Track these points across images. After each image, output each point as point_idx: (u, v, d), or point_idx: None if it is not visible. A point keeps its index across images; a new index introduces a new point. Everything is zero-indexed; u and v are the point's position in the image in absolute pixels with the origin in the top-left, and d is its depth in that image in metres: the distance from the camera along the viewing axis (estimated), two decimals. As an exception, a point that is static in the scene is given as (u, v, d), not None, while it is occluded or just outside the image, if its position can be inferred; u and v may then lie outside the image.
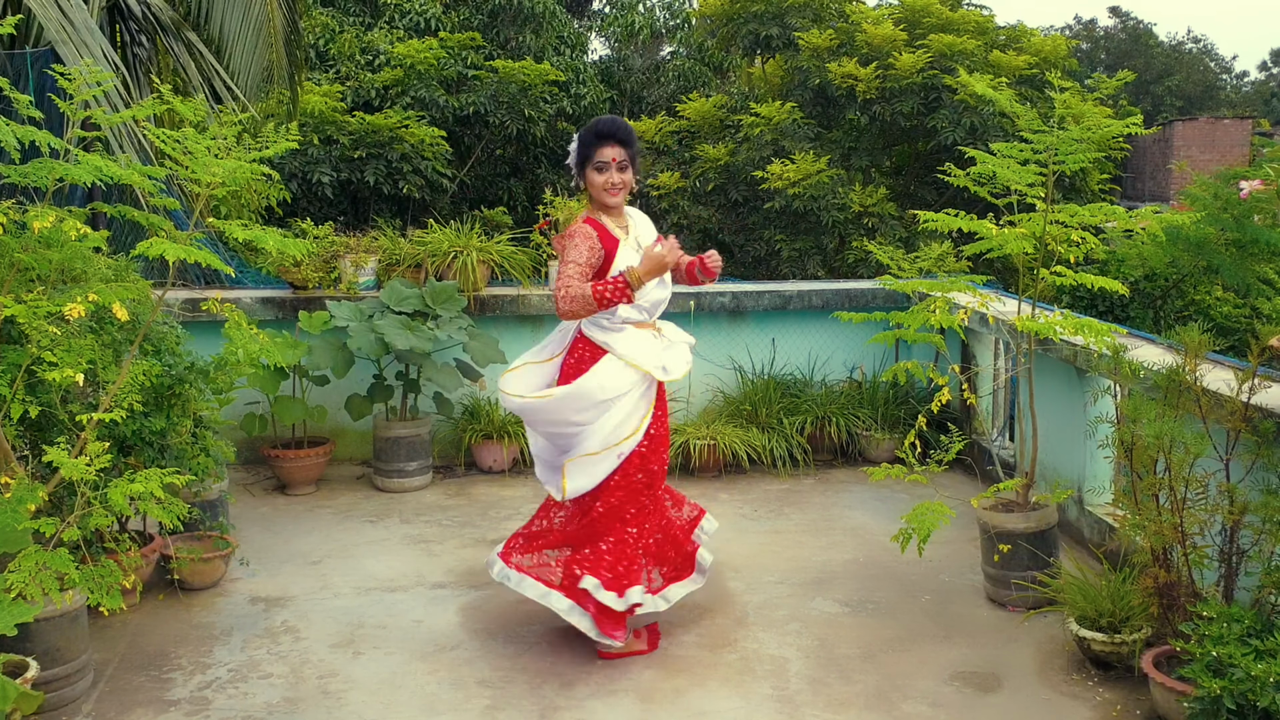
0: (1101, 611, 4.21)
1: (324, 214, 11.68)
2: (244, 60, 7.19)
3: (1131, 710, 3.94)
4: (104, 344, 4.26)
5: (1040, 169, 4.78)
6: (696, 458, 6.78)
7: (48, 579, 3.55)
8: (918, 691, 4.10)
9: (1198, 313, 8.06)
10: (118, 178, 3.85)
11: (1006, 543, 4.75)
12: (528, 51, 13.86)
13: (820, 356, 7.55)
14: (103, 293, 3.80)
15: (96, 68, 4.07)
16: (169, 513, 4.05)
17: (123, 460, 4.49)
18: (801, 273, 10.83)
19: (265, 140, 4.07)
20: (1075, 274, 4.78)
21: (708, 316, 7.43)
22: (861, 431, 7.11)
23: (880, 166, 11.82)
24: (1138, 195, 25.02)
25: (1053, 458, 5.67)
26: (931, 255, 5.80)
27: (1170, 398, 4.13)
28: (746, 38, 12.24)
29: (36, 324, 3.72)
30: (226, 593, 5.01)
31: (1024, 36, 12.17)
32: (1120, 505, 4.38)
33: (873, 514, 6.13)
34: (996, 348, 6.83)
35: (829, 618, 4.78)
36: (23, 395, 3.87)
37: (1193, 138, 24.13)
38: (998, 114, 10.52)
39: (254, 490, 6.57)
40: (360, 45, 13.47)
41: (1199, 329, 4.20)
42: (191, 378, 4.71)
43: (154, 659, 4.35)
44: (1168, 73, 33.58)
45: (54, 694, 3.88)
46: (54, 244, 3.89)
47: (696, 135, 12.28)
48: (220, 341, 4.50)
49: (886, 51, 11.09)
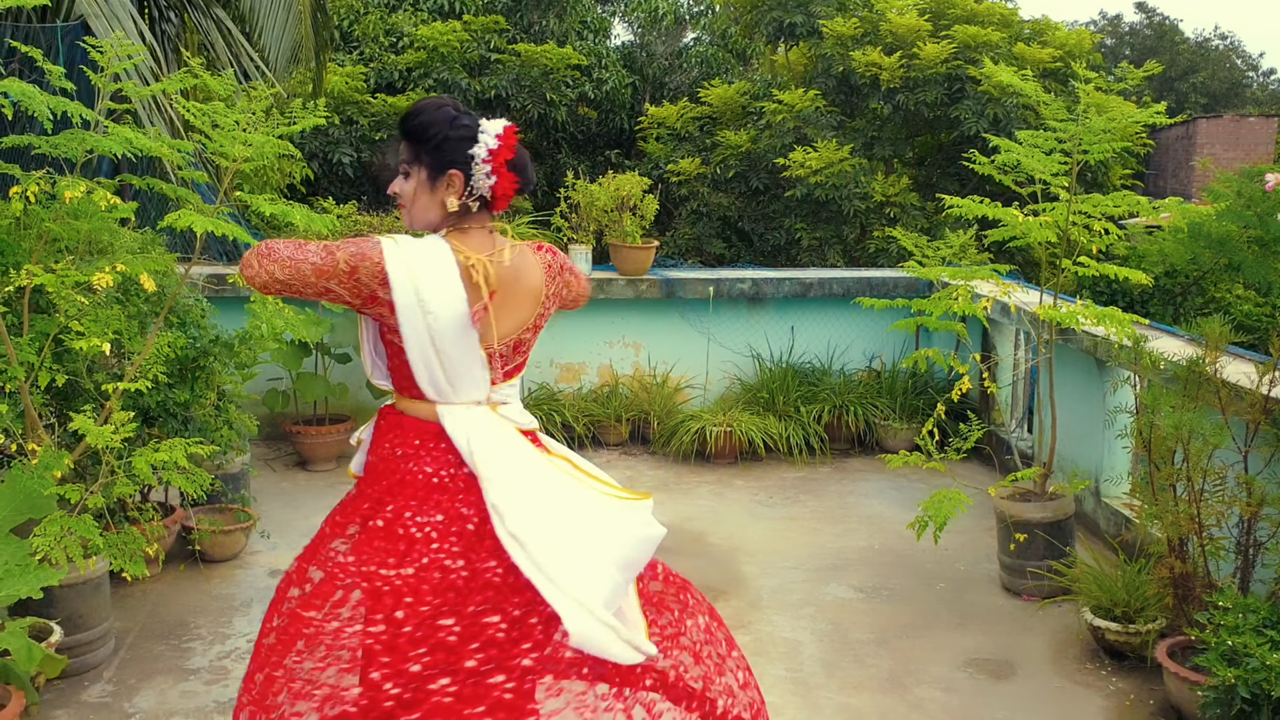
0: (1116, 601, 4.22)
1: (345, 194, 11.70)
2: (273, 36, 7.22)
3: (1145, 700, 3.95)
4: (130, 315, 4.30)
5: (1064, 158, 4.78)
6: (713, 444, 6.80)
7: (72, 544, 3.60)
8: (931, 676, 4.12)
9: (1218, 310, 8.02)
10: (147, 150, 3.88)
11: (1023, 532, 4.75)
12: (551, 35, 13.85)
13: (839, 345, 7.55)
14: (130, 264, 3.85)
15: (127, 41, 4.10)
16: (192, 483, 4.10)
17: (146, 431, 4.54)
18: (821, 262, 10.84)
19: (292, 116, 4.09)
20: (1098, 265, 4.78)
21: (726, 303, 7.44)
22: (879, 421, 7.12)
23: (903, 156, 11.80)
24: (1160, 193, 24.87)
25: (1071, 448, 5.67)
26: (954, 244, 5.79)
27: (1190, 389, 4.13)
28: (770, 24, 12.22)
29: (65, 293, 3.77)
30: (246, 565, 5.06)
31: (1048, 30, 12.12)
32: (1137, 496, 4.39)
33: (889, 502, 6.14)
34: (1017, 338, 6.83)
35: (843, 603, 4.80)
36: (50, 364, 3.92)
37: (1217, 135, 23.94)
38: (1021, 106, 10.50)
39: (275, 465, 6.61)
40: (384, 27, 13.48)
41: (1219, 322, 4.19)
42: (216, 351, 4.75)
43: (174, 628, 4.40)
44: (1193, 69, 33.32)
45: (76, 659, 3.93)
46: (83, 215, 3.93)
47: (718, 121, 12.27)
48: (244, 317, 4.53)
49: (911, 41, 11.07)
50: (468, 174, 2.59)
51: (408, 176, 2.64)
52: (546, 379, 7.32)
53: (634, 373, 7.43)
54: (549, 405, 7.05)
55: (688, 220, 11.96)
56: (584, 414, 7.12)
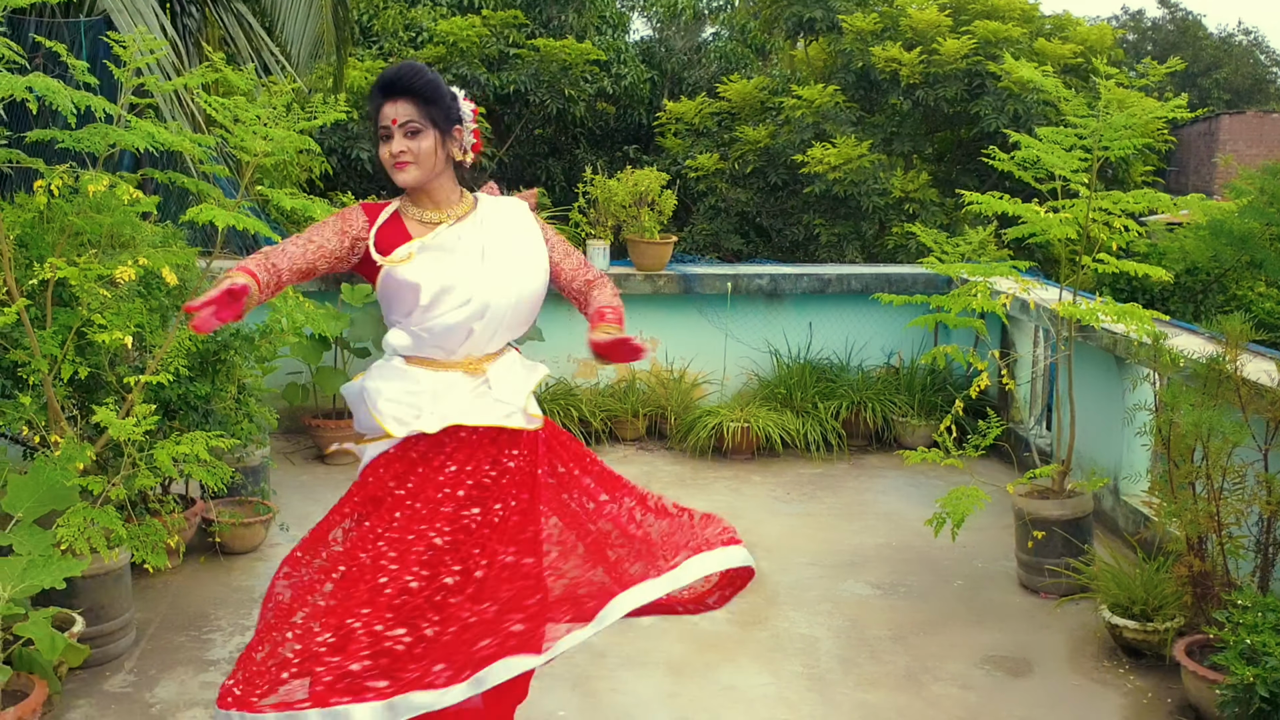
0: (1134, 599, 4.20)
1: (364, 189, 11.73)
2: (295, 31, 7.25)
3: (1162, 698, 3.94)
4: (152, 308, 4.33)
5: (1085, 154, 4.76)
6: (730, 440, 6.80)
7: (95, 535, 3.64)
8: (948, 673, 4.12)
9: (1239, 307, 7.98)
10: (169, 144, 3.91)
11: (1041, 529, 4.74)
12: (569, 30, 13.86)
13: (857, 341, 7.54)
14: (153, 257, 3.88)
15: (150, 36, 4.13)
16: (213, 475, 4.13)
17: (168, 424, 4.57)
18: (840, 258, 10.81)
19: (313, 110, 4.12)
20: (1118, 262, 4.76)
21: (744, 299, 7.43)
22: (897, 417, 7.11)
23: (922, 152, 11.76)
24: (1181, 190, 24.67)
25: (1089, 446, 5.65)
26: (973, 241, 5.79)
27: (1210, 387, 4.11)
28: (789, 20, 12.20)
29: (88, 286, 3.80)
30: (266, 557, 5.09)
31: (1069, 25, 12.07)
32: (1156, 494, 4.37)
33: (906, 499, 6.14)
34: (1036, 335, 6.80)
35: (860, 599, 4.80)
36: (73, 356, 3.95)
37: (1239, 132, 23.76)
38: (1042, 102, 10.45)
39: (294, 459, 6.65)
40: (404, 22, 13.51)
41: (1240, 319, 4.17)
42: (236, 345, 4.78)
43: (194, 620, 4.43)
44: (1216, 65, 33.07)
45: (98, 649, 3.96)
46: (105, 209, 3.96)
47: (736, 117, 12.25)
48: (264, 311, 4.56)
49: (931, 36, 11.03)
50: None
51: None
52: (564, 374, 7.34)
53: (651, 368, 7.43)
54: (566, 400, 7.06)
55: (706, 216, 11.95)
56: (601, 409, 7.13)
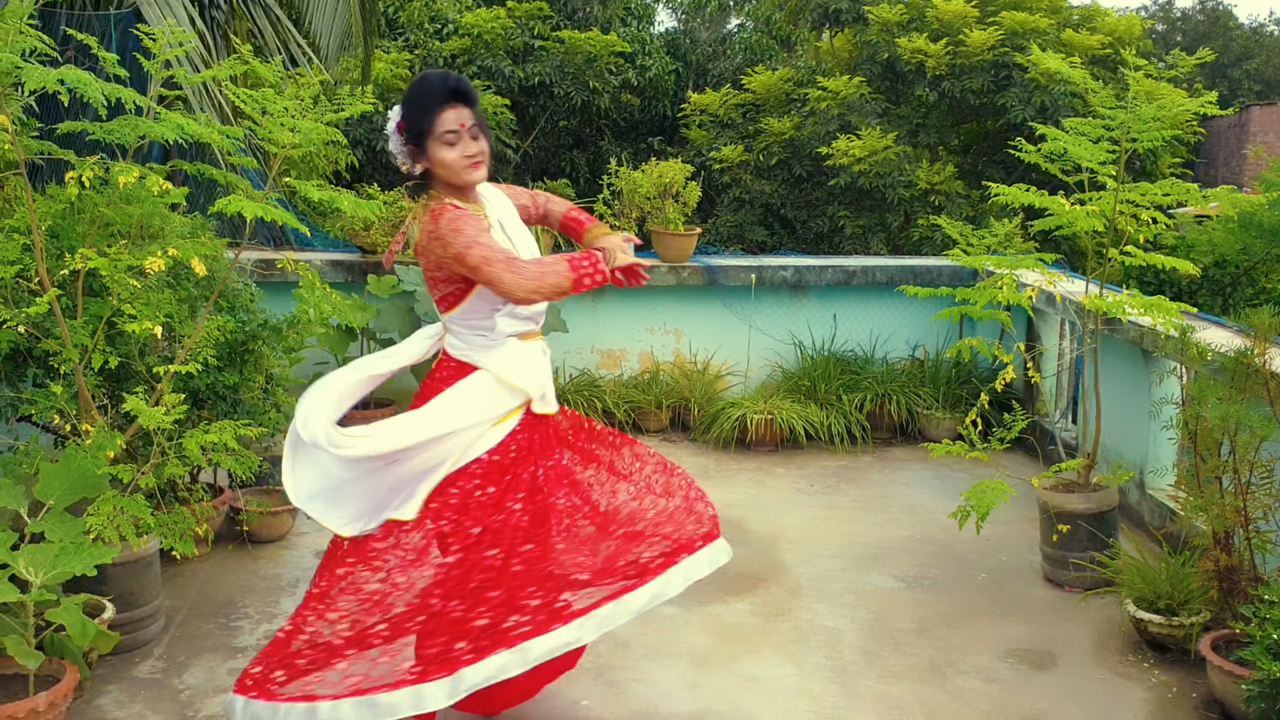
0: (1160, 594, 4.19)
1: (390, 181, 11.77)
2: (323, 23, 7.28)
3: (1187, 693, 3.92)
4: (181, 299, 4.37)
5: (1112, 146, 4.73)
6: (753, 432, 6.80)
7: (125, 523, 3.68)
8: (971, 666, 4.12)
9: (1268, 301, 7.91)
10: (198, 136, 3.94)
11: (1066, 523, 4.73)
12: (594, 22, 13.87)
13: (882, 334, 7.52)
14: (182, 248, 3.91)
15: (179, 28, 4.16)
16: (241, 464, 4.17)
17: (196, 413, 4.61)
18: (865, 250, 10.79)
19: (340, 102, 4.14)
20: (1145, 255, 4.73)
21: (768, 290, 7.43)
22: (922, 410, 7.09)
23: (948, 144, 11.71)
24: (1211, 182, 24.49)
25: (1115, 439, 5.62)
26: (999, 233, 5.75)
27: (1237, 380, 4.09)
28: (814, 11, 12.17)
29: (118, 277, 3.84)
30: (293, 546, 5.14)
31: (1097, 16, 11.98)
32: (1182, 488, 4.35)
33: (931, 492, 6.13)
34: (1062, 328, 6.78)
35: (884, 592, 4.80)
36: (103, 346, 3.99)
37: (1270, 123, 23.54)
38: (1069, 93, 10.39)
39: (319, 449, 6.68)
40: (429, 13, 13.56)
41: (1269, 313, 4.14)
42: (265, 335, 4.82)
43: (222, 607, 4.48)
44: (1246, 56, 32.75)
45: (128, 636, 4.01)
46: (135, 200, 4.00)
47: (761, 108, 12.24)
48: (291, 302, 4.59)
49: (957, 28, 10.97)
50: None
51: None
52: (588, 365, 7.35)
53: (675, 359, 7.44)
54: (590, 391, 7.08)
55: (730, 207, 11.95)
56: (625, 400, 7.14)
